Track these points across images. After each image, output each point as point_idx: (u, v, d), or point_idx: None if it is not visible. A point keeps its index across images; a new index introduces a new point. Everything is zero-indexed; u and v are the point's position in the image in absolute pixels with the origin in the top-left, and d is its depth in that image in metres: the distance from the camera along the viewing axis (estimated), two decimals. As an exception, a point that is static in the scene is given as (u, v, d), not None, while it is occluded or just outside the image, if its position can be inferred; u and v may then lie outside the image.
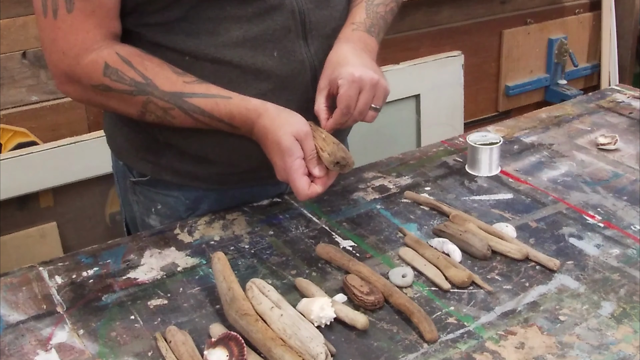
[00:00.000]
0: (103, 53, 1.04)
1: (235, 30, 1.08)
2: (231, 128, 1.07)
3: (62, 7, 1.01)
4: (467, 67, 2.79)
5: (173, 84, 1.05)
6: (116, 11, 1.05)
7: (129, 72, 1.04)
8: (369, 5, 1.20)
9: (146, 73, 1.05)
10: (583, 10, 3.19)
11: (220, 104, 1.06)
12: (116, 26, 1.07)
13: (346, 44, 1.13)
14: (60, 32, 1.03)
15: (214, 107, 1.06)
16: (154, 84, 1.05)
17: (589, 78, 3.33)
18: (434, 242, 1.11)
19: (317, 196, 1.04)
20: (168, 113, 1.06)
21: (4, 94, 2.02)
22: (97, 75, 1.04)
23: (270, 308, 0.92)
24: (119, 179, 1.32)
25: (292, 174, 1.03)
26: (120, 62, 1.04)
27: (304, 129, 1.04)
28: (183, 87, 1.05)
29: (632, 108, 1.62)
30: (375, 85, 1.07)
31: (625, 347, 0.90)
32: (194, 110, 1.05)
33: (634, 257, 1.08)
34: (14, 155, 1.97)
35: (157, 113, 1.07)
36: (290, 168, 1.03)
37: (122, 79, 1.04)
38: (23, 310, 1.00)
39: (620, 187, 1.28)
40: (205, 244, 1.15)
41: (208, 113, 1.06)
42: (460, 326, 0.94)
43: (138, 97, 1.05)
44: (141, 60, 1.06)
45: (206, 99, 1.05)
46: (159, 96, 1.05)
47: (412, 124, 2.71)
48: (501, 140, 1.34)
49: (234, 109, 1.06)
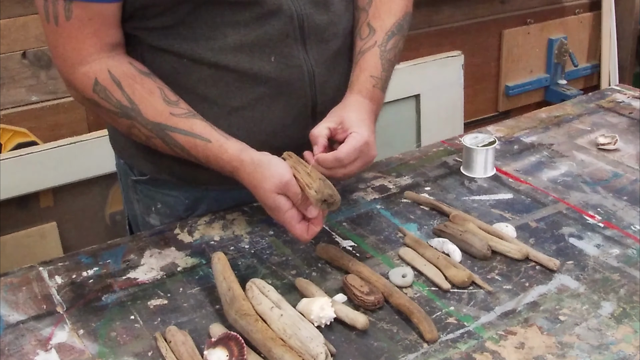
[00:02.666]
0: (95, 68, 1.04)
1: (232, 35, 1.08)
2: (209, 166, 1.07)
3: (61, 15, 1.02)
4: (467, 67, 2.79)
5: (159, 113, 1.05)
6: (115, 20, 1.06)
7: (115, 93, 1.05)
8: (383, 53, 1.17)
9: (133, 97, 1.05)
10: (583, 10, 3.19)
11: (199, 145, 1.06)
12: (115, 35, 1.07)
13: (369, 104, 1.12)
14: (61, 39, 1.04)
15: (192, 147, 1.06)
16: (139, 109, 1.05)
17: (589, 78, 3.33)
18: (434, 242, 1.12)
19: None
20: (150, 141, 1.08)
21: (4, 94, 2.02)
22: (88, 90, 1.05)
23: (270, 308, 0.92)
24: (121, 177, 1.33)
25: (287, 226, 1.02)
26: (109, 81, 1.05)
27: (284, 179, 0.99)
28: (167, 120, 1.05)
29: (632, 108, 1.62)
30: (370, 162, 1.08)
31: (625, 347, 0.90)
32: (175, 145, 1.06)
33: (634, 257, 1.08)
34: (14, 155, 1.97)
35: (140, 138, 1.08)
36: (283, 222, 1.02)
37: (109, 98, 1.05)
38: (23, 310, 1.00)
39: (620, 187, 1.28)
40: (205, 244, 1.15)
41: (187, 151, 1.06)
42: (460, 326, 0.94)
43: (122, 120, 1.06)
44: (132, 82, 1.05)
45: (187, 137, 1.06)
46: (142, 123, 1.06)
47: (412, 124, 2.71)
48: (496, 141, 1.34)
49: (210, 154, 1.06)
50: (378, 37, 1.18)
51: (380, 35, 1.18)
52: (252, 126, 1.13)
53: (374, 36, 1.18)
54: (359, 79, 1.15)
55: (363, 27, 1.20)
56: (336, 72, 1.18)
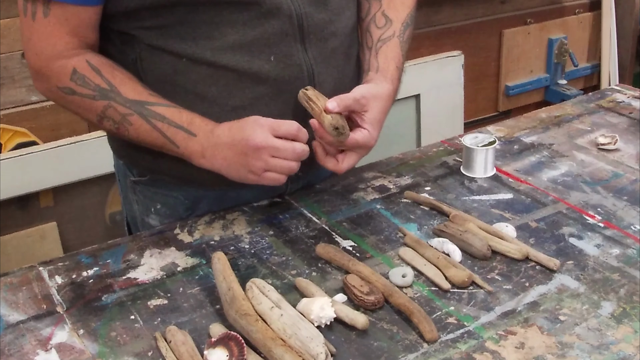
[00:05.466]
0: (73, 60, 1.07)
1: (231, 34, 1.08)
2: (185, 138, 1.08)
3: (39, 11, 1.04)
4: (467, 67, 2.79)
5: (139, 93, 1.08)
6: (92, 23, 1.08)
7: (95, 79, 1.07)
8: (402, 44, 1.22)
9: (113, 81, 1.08)
10: (583, 10, 3.19)
11: (183, 112, 1.08)
12: (92, 37, 1.10)
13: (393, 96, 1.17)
14: (36, 34, 1.06)
15: (175, 113, 1.08)
16: (118, 90, 1.07)
17: (589, 78, 3.33)
18: (434, 242, 1.12)
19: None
20: (126, 119, 1.08)
21: (4, 94, 2.02)
22: (65, 79, 1.07)
23: (270, 308, 0.92)
24: (119, 178, 1.33)
25: (295, 156, 1.06)
26: (88, 69, 1.07)
27: (272, 124, 1.05)
28: (147, 97, 1.08)
29: (632, 108, 1.62)
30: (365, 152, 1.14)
31: (625, 347, 0.90)
32: (154, 116, 1.07)
33: (634, 257, 1.08)
34: (14, 155, 1.97)
35: (114, 118, 1.08)
36: (289, 156, 1.05)
37: (87, 84, 1.07)
38: (23, 310, 1.00)
39: (620, 187, 1.28)
40: (205, 244, 1.15)
41: (167, 118, 1.07)
42: (460, 326, 0.94)
43: (99, 102, 1.07)
44: (111, 70, 1.09)
45: (169, 107, 1.08)
46: (121, 102, 1.07)
47: (412, 124, 2.71)
48: (496, 141, 1.34)
49: (195, 117, 1.08)
50: (396, 28, 1.23)
51: (397, 26, 1.23)
52: None
53: (391, 26, 1.23)
54: (389, 67, 1.19)
55: (378, 16, 1.24)
56: (335, 71, 1.18)
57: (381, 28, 1.22)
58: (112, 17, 1.09)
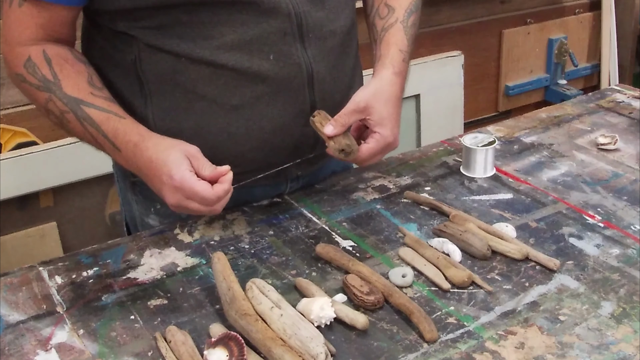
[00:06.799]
0: (31, 48, 1.08)
1: (230, 33, 1.08)
2: (113, 149, 1.07)
3: (16, 0, 1.06)
4: (467, 67, 2.79)
5: (78, 90, 1.07)
6: (66, 20, 1.09)
7: (43, 69, 1.07)
8: (406, 29, 1.22)
9: (59, 74, 1.07)
10: (583, 10, 3.19)
11: (111, 119, 1.06)
12: (65, 33, 1.10)
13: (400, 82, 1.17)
14: (8, 21, 1.08)
15: (103, 121, 1.06)
16: (60, 84, 1.07)
17: (589, 78, 3.33)
18: (434, 242, 1.12)
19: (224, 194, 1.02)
20: (64, 116, 1.07)
21: (4, 94, 2.02)
22: (19, 65, 1.08)
23: (270, 308, 0.92)
24: (118, 178, 1.32)
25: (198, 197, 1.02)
26: (41, 58, 1.07)
27: (191, 150, 1.04)
28: (86, 96, 1.07)
29: (632, 108, 1.62)
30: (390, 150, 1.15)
31: (625, 347, 0.90)
32: (86, 118, 1.06)
33: (634, 257, 1.08)
34: (14, 155, 1.97)
35: (55, 113, 1.08)
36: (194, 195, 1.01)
37: (35, 73, 1.07)
38: (23, 310, 1.00)
39: (620, 187, 1.28)
40: (205, 244, 1.15)
41: (96, 125, 1.06)
42: (460, 326, 0.94)
43: (42, 93, 1.07)
44: (63, 62, 1.08)
45: (100, 112, 1.06)
46: (60, 97, 1.06)
47: (412, 124, 2.71)
48: (496, 141, 1.34)
49: (120, 127, 1.06)
50: (399, 15, 1.23)
51: (400, 12, 1.23)
52: (251, 124, 1.13)
53: (394, 14, 1.23)
54: (389, 52, 1.18)
55: (381, 7, 1.25)
56: (334, 70, 1.18)
57: (384, 18, 1.23)
58: (111, 17, 1.09)
